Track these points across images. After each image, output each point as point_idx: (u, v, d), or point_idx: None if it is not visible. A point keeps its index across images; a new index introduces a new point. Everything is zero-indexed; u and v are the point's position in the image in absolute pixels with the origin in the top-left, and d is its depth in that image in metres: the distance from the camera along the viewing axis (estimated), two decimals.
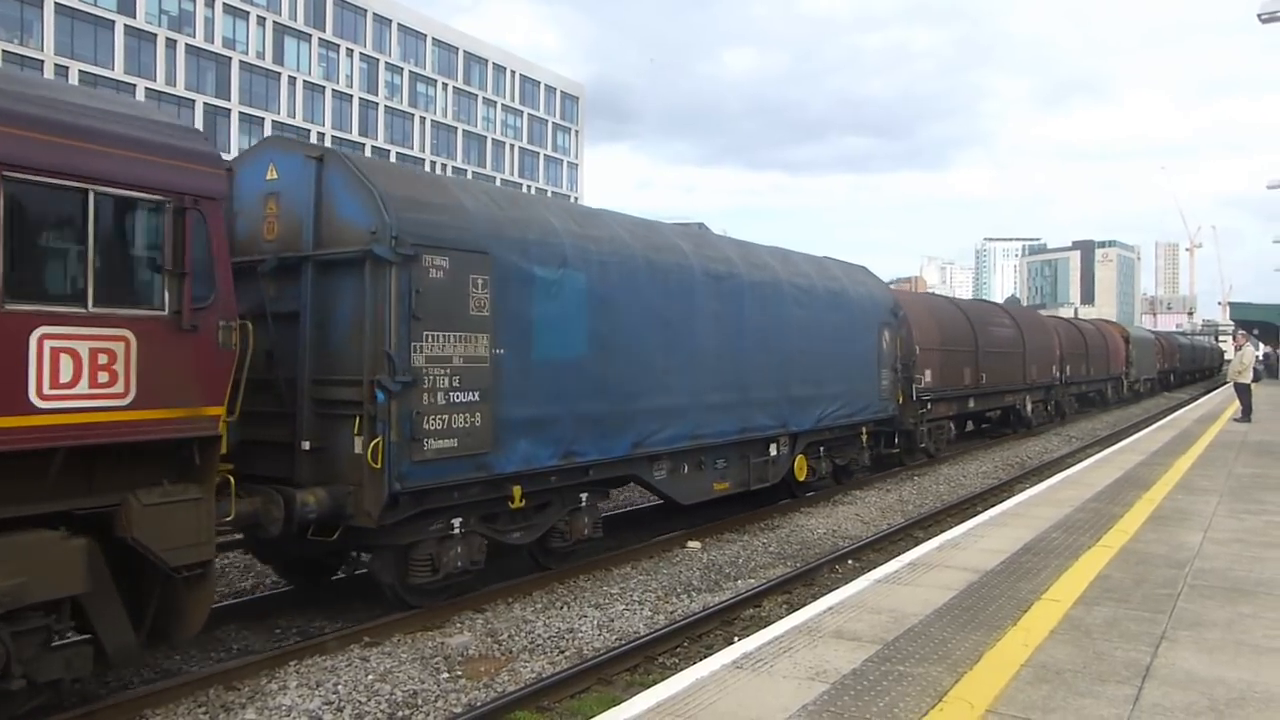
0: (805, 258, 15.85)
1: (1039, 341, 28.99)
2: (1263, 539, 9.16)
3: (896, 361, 17.46)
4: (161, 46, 64.62)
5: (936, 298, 25.85)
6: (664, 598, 9.81)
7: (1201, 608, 6.65)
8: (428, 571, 8.56)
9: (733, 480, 12.83)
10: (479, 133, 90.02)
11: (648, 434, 10.88)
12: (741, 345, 12.64)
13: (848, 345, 15.67)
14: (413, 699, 6.93)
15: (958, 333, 22.48)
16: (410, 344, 7.99)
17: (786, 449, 14.13)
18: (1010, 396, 26.69)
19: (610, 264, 10.41)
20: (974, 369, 23.02)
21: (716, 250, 13.00)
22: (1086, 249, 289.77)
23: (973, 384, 23.03)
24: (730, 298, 12.54)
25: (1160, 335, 60.99)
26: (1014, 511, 10.82)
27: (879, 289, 17.90)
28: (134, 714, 6.56)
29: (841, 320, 15.50)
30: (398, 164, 10.86)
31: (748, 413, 12.78)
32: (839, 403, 15.22)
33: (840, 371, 15.28)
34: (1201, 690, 5.00)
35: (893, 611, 6.56)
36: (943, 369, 20.83)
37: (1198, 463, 15.40)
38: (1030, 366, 27.56)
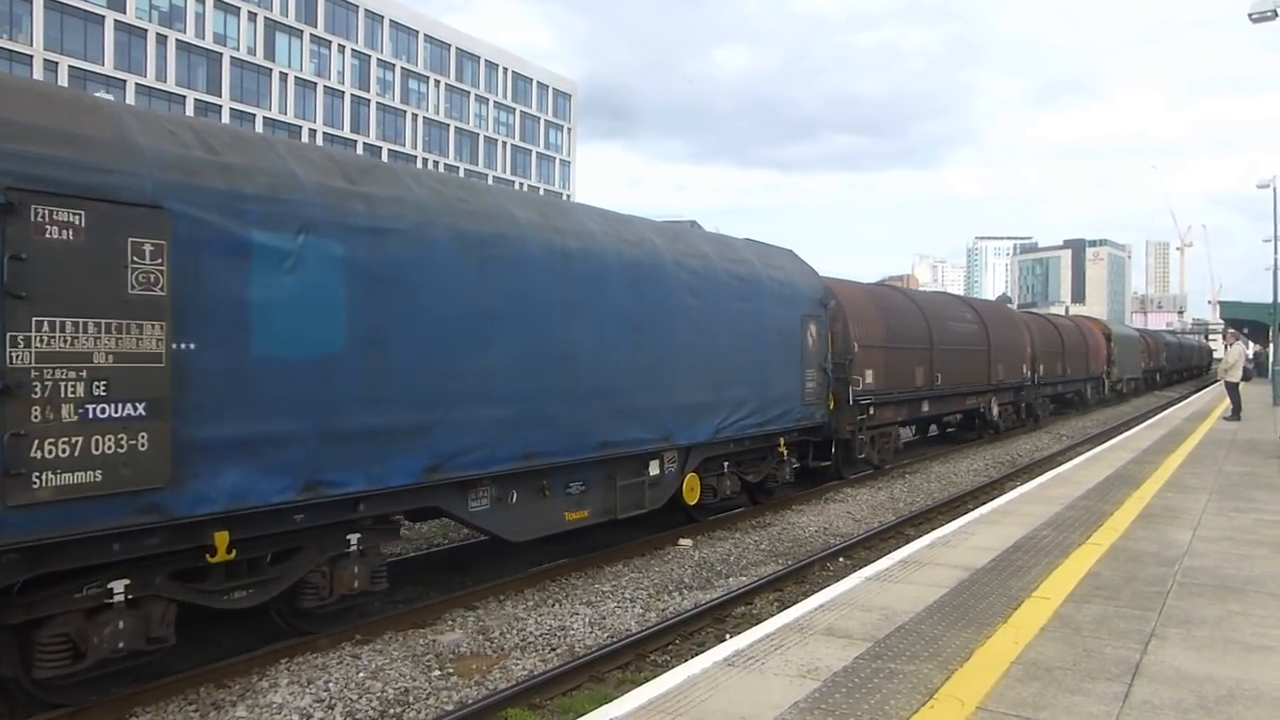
0: (705, 235, 13.67)
1: (1007, 338, 26.66)
2: (1252, 537, 9.20)
3: (827, 360, 15.37)
4: (152, 42, 64.36)
5: (883, 288, 22.56)
6: (656, 595, 9.81)
7: (1191, 605, 6.68)
8: (66, 659, 6.16)
9: (594, 508, 10.55)
10: (471, 130, 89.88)
11: (453, 454, 8.43)
12: (602, 341, 10.27)
13: (759, 341, 13.31)
14: (404, 696, 6.92)
15: (908, 328, 20.05)
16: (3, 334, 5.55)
17: (674, 466, 11.84)
18: (973, 399, 24.21)
19: (391, 233, 7.87)
20: (928, 369, 20.63)
21: (569, 220, 10.48)
22: (1077, 248, 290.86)
23: (926, 385, 20.56)
24: (587, 281, 10.09)
25: (1145, 333, 59.14)
26: (1004, 509, 10.85)
27: (804, 276, 15.21)
28: (124, 712, 6.53)
29: (751, 312, 13.13)
30: (23, 79, 7.73)
31: (613, 424, 10.44)
32: (747, 409, 12.96)
33: (749, 373, 13.00)
34: (1191, 688, 5.02)
35: (884, 609, 6.57)
36: (889, 369, 18.51)
37: (1187, 461, 15.47)
38: (996, 366, 25.09)
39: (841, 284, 18.40)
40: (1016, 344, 27.28)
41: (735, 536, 12.76)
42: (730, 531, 13.08)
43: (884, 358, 18.34)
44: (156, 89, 64.07)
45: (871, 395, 17.54)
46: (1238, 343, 25.98)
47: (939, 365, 21.12)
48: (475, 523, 9.11)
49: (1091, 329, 40.14)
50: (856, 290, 19.18)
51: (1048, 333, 32.29)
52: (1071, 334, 35.70)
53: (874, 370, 17.73)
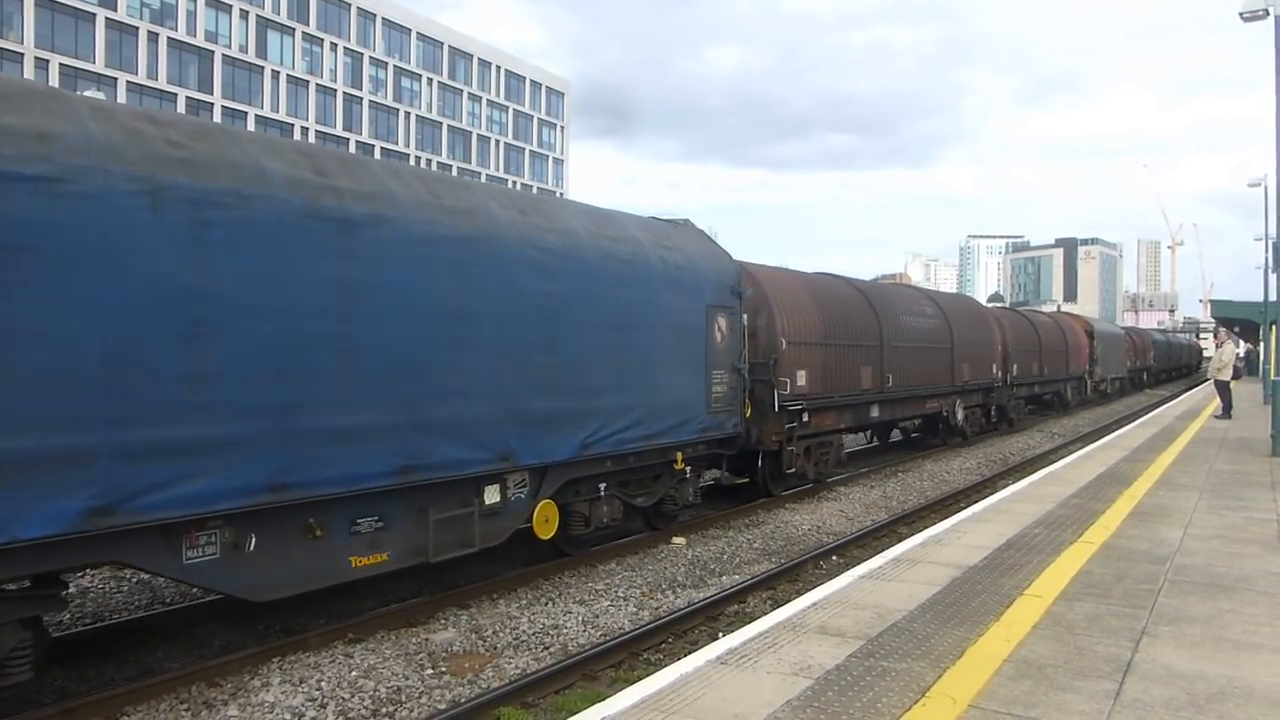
0: (574, 207, 11.31)
1: (973, 335, 24.21)
2: (1243, 535, 9.23)
3: (741, 359, 12.99)
4: (143, 40, 64.10)
5: (824, 276, 19.53)
6: (649, 594, 9.81)
7: (1182, 603, 6.70)
8: None
9: (397, 549, 8.17)
10: (464, 128, 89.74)
11: (140, 489, 6.14)
12: (404, 337, 7.94)
13: (646, 337, 11.03)
14: (396, 695, 6.91)
15: (854, 322, 17.71)
16: None
17: (522, 492, 9.55)
18: (935, 402, 21.90)
19: (19, 187, 5.62)
20: (877, 369, 18.28)
21: (356, 177, 7.91)
22: (1069, 246, 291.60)
23: (875, 387, 18.19)
24: (381, 259, 7.75)
25: (1131, 331, 57.55)
26: (997, 508, 10.88)
27: (712, 259, 12.73)
28: (114, 711, 6.51)
29: (634, 301, 10.83)
30: None
31: (420, 441, 8.07)
32: (628, 420, 10.66)
33: (631, 375, 10.72)
34: (1182, 685, 5.04)
35: (876, 607, 6.58)
36: (827, 369, 16.31)
37: (1179, 459, 15.52)
38: (961, 365, 22.87)
39: (767, 271, 16.34)
40: (985, 341, 25.18)
41: (728, 535, 12.77)
42: (723, 530, 13.09)
43: (821, 356, 16.15)
44: (148, 87, 63.83)
45: (804, 399, 15.37)
46: (1228, 343, 26.12)
47: (891, 365, 18.85)
48: (195, 580, 6.84)
49: (1072, 326, 38.09)
50: (786, 278, 16.72)
51: (1022, 329, 30.18)
52: (1050, 331, 33.61)
53: (808, 371, 15.59)
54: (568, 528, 10.39)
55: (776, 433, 14.76)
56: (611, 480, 10.94)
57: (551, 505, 9.98)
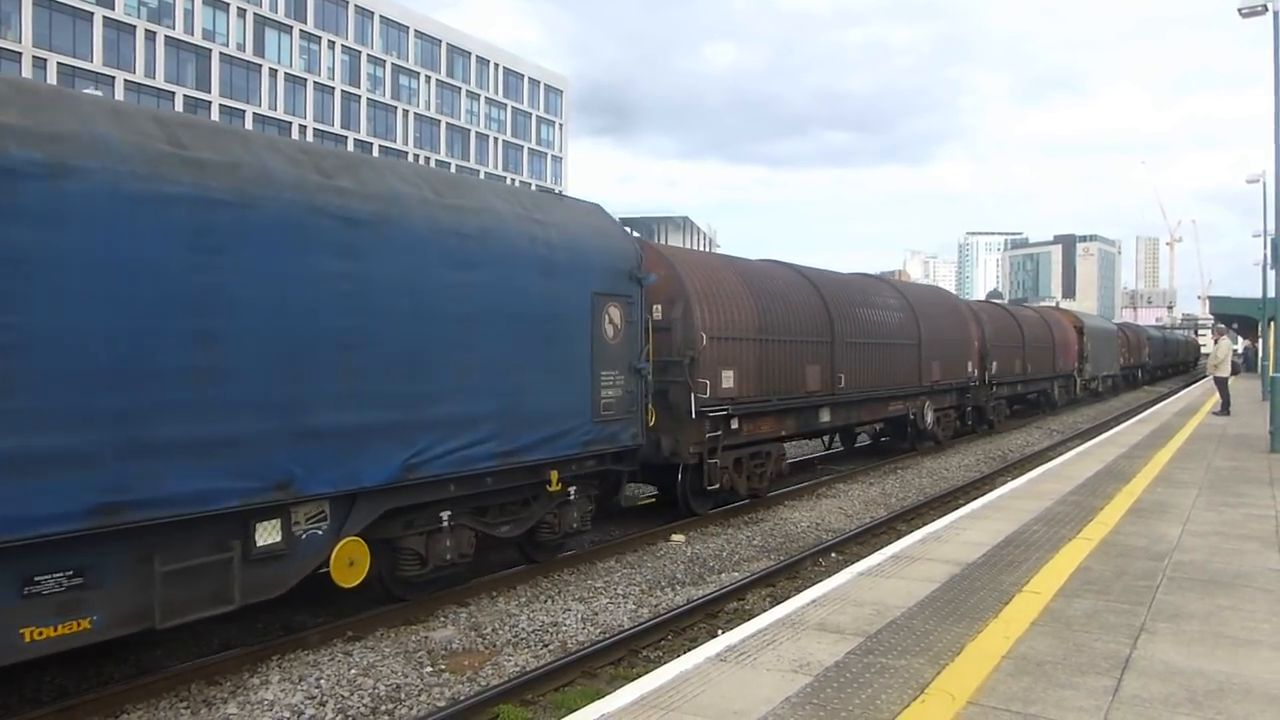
0: (398, 167, 8.83)
1: (945, 330, 21.94)
2: (1241, 531, 9.24)
3: (642, 358, 11.00)
4: (141, 38, 64.00)
5: (758, 262, 16.85)
6: (648, 591, 9.82)
7: (1181, 600, 6.71)
8: None
9: (108, 611, 6.12)
10: (463, 126, 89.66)
11: None
12: (104, 330, 5.93)
13: (503, 330, 8.94)
14: (396, 693, 6.92)
15: (797, 315, 15.55)
16: None
17: (319, 528, 7.51)
18: (899, 404, 19.70)
19: None
20: (827, 368, 16.21)
21: (59, 117, 5.94)
22: (1068, 243, 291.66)
23: (825, 389, 16.12)
24: (42, 224, 5.67)
25: (1125, 326, 55.60)
26: (995, 504, 10.89)
27: (601, 237, 10.62)
28: (114, 709, 6.51)
29: (482, 285, 8.69)
30: None
31: (138, 470, 6.10)
32: (477, 433, 8.63)
33: (480, 378, 8.64)
34: (1180, 682, 5.04)
35: (875, 604, 6.59)
36: (763, 368, 14.29)
37: (1177, 456, 15.53)
38: (930, 363, 20.81)
39: (686, 254, 14.64)
40: (959, 337, 23.01)
41: (728, 532, 12.78)
42: (723, 527, 13.10)
43: (755, 354, 14.07)
44: (145, 85, 63.74)
45: (731, 404, 13.28)
46: (1224, 338, 26.11)
47: (845, 363, 16.77)
48: None
49: (1060, 321, 35.98)
50: (710, 263, 14.63)
51: (1003, 324, 28.16)
52: (1035, 326, 31.56)
53: (738, 370, 13.56)
54: (398, 567, 8.52)
55: (695, 443, 12.60)
56: (460, 507, 8.88)
57: (358, 543, 7.77)
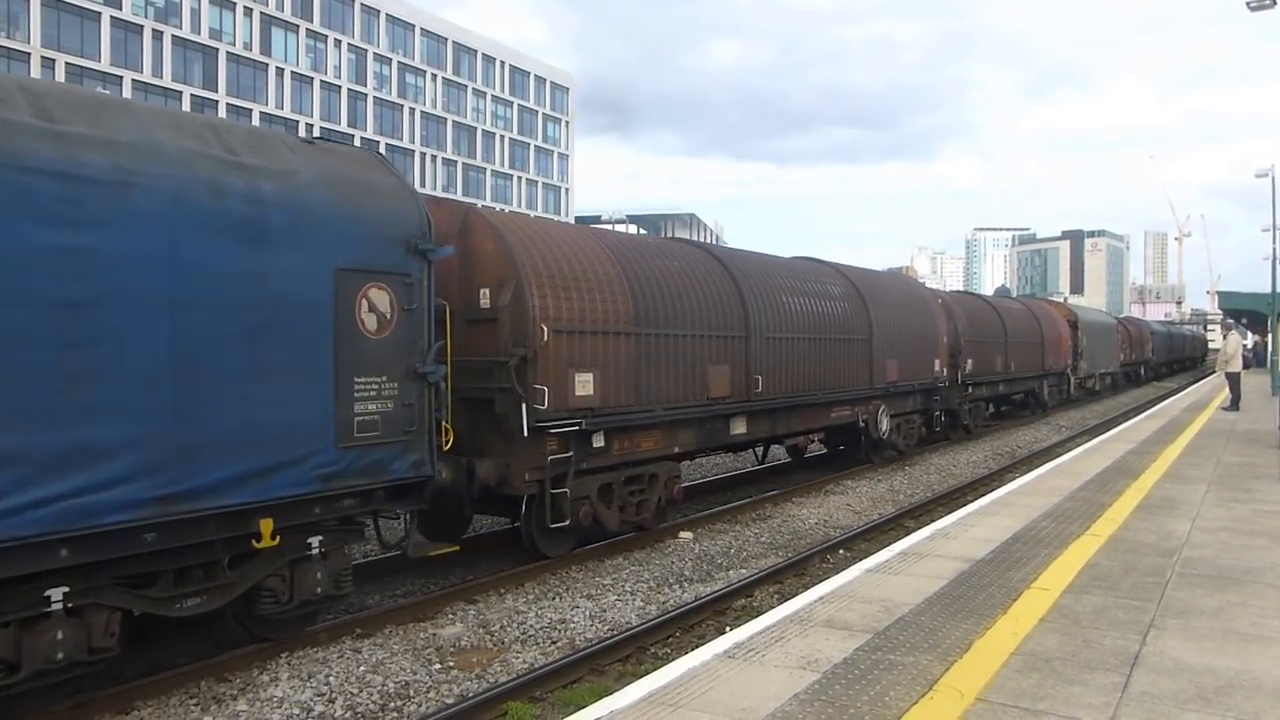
0: None
1: (904, 323, 18.93)
2: (1251, 527, 9.21)
3: (430, 358, 8.22)
4: (148, 38, 64.16)
5: (639, 237, 14.21)
6: (656, 588, 9.82)
7: (1190, 596, 6.69)
8: None
9: None
10: (469, 124, 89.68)
11: None
12: None
13: (152, 323, 6.31)
14: (404, 690, 6.94)
15: (694, 303, 12.47)
16: None
17: None
18: (844, 409, 16.58)
19: None
20: (740, 368, 13.27)
21: None
22: (1076, 239, 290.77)
23: (738, 394, 13.18)
24: None
25: (1126, 321, 52.76)
26: (1004, 501, 10.86)
27: (359, 190, 7.89)
28: (125, 706, 6.55)
29: (118, 254, 6.15)
30: None
31: None
32: (112, 468, 6.08)
33: (103, 390, 6.02)
34: (1190, 678, 5.03)
35: (884, 601, 6.58)
36: (641, 370, 11.32)
37: (1186, 451, 15.48)
38: (885, 361, 17.82)
39: (527, 224, 11.40)
40: (922, 331, 19.82)
41: (735, 529, 12.78)
42: (730, 524, 13.09)
43: (630, 351, 11.17)
44: (153, 85, 63.90)
45: (591, 415, 10.51)
46: (1233, 333, 26.00)
47: (764, 362, 13.83)
48: None
49: (1050, 314, 33.32)
50: (561, 236, 11.21)
51: (981, 318, 25.29)
52: (1020, 320, 28.79)
53: (601, 373, 10.70)
54: None
55: (533, 468, 9.94)
56: (90, 580, 6.22)
57: None
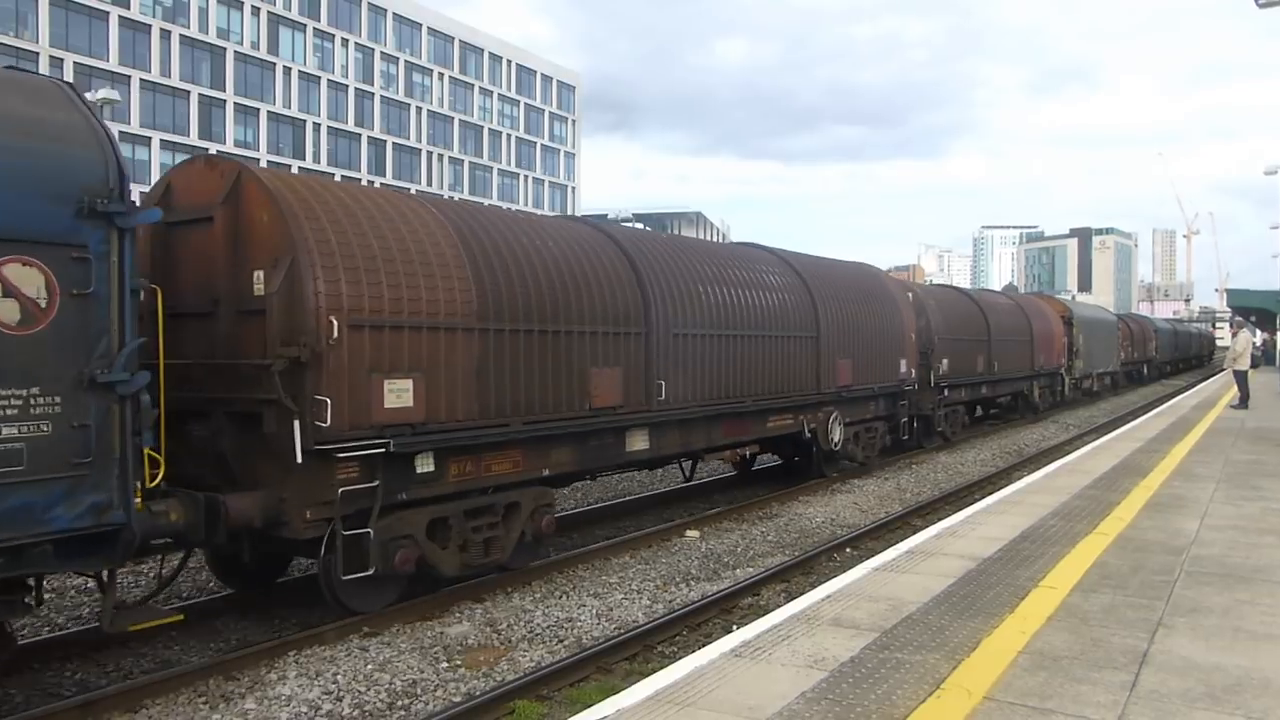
0: None
1: (862, 318, 16.62)
2: (1259, 525, 9.17)
3: (120, 364, 6.19)
4: (156, 37, 64.33)
5: (497, 211, 11.52)
6: (663, 587, 9.83)
7: (1198, 594, 6.67)
8: None
9: None
10: (475, 122, 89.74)
11: None
12: None
13: None
14: (412, 688, 6.95)
15: (571, 291, 10.17)
16: None
17: None
18: (786, 418, 14.31)
19: None
20: (638, 372, 10.98)
21: None
22: (1084, 236, 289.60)
23: (634, 404, 10.93)
24: None
25: (1128, 317, 50.30)
26: (1012, 499, 10.83)
27: None
28: (134, 704, 6.57)
29: None
30: None
31: None
32: None
33: None
34: (1198, 677, 5.01)
35: (891, 599, 6.57)
36: (490, 374, 9.07)
37: (1195, 449, 15.42)
38: (837, 362, 15.52)
39: (317, 186, 8.53)
40: (885, 328, 17.51)
41: (742, 528, 12.77)
42: (737, 523, 13.09)
43: (471, 352, 8.86)
44: (161, 84, 64.11)
45: (409, 433, 8.25)
46: (1243, 331, 25.90)
47: (670, 365, 11.46)
48: None
49: (1042, 310, 30.89)
50: (369, 203, 8.70)
51: (960, 313, 23.00)
52: (1006, 316, 26.45)
53: (422, 381, 8.34)
54: None
55: (318, 504, 7.76)
56: None
57: None
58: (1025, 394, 28.45)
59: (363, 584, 8.19)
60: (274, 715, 6.46)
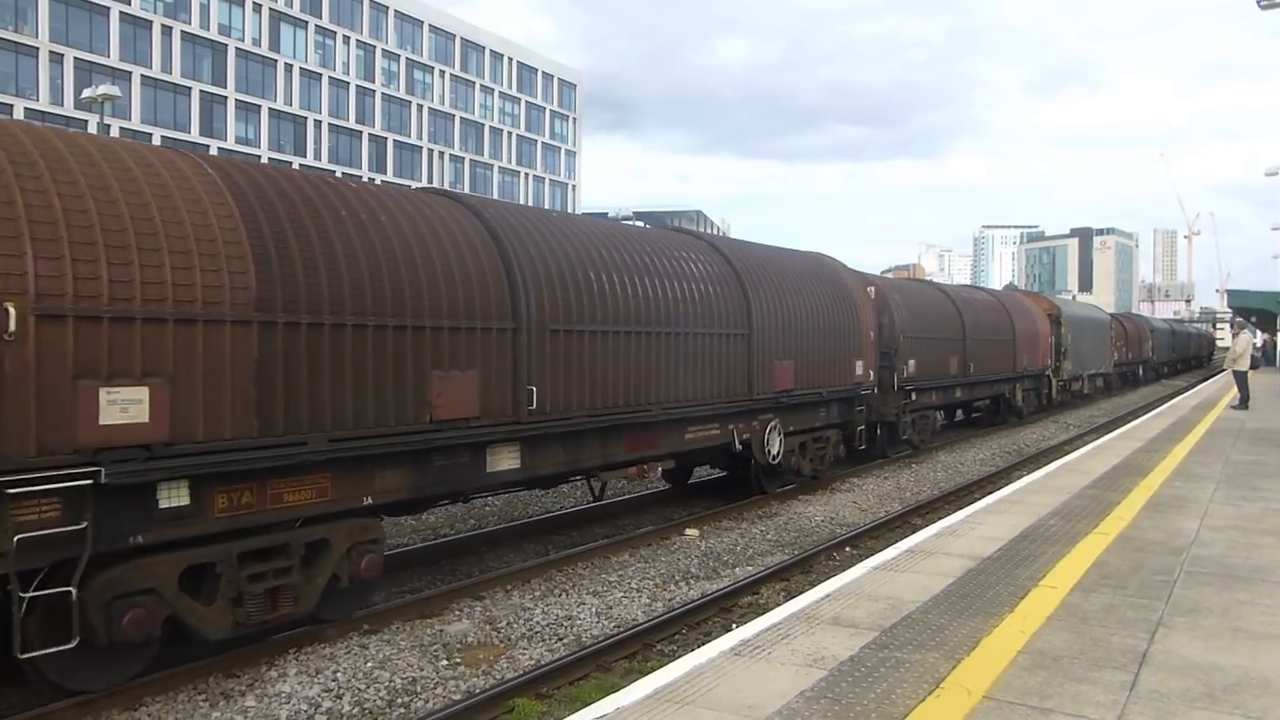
0: None
1: (808, 313, 14.69)
2: (1259, 526, 9.17)
3: None
4: (157, 34, 64.29)
5: (272, 168, 8.49)
6: (662, 585, 9.83)
7: (1198, 594, 6.66)
8: None
9: None
10: (477, 120, 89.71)
11: None
12: None
13: None
14: (411, 686, 6.95)
15: (406, 272, 8.33)
16: None
17: None
18: (705, 429, 12.40)
19: None
20: (498, 375, 9.12)
21: None
22: (1084, 236, 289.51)
23: (498, 414, 9.10)
24: None
25: (1123, 317, 48.65)
26: (1012, 499, 10.83)
27: None
28: (133, 703, 6.57)
29: None
30: None
31: None
32: None
33: None
34: (1198, 676, 5.01)
35: (890, 598, 6.57)
36: (287, 377, 7.28)
37: (1195, 450, 15.42)
38: (773, 363, 13.60)
39: (27, 128, 6.71)
40: (837, 325, 15.62)
41: (741, 527, 12.77)
42: (736, 522, 13.09)
43: (251, 348, 7.09)
44: (162, 80, 64.07)
45: (126, 461, 6.29)
46: (1244, 332, 25.90)
47: (544, 366, 9.62)
48: None
49: (1026, 307, 29.02)
50: (97, 152, 6.77)
51: (930, 309, 20.97)
52: (985, 313, 24.56)
53: (164, 388, 6.54)
54: None
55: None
56: None
57: None
58: (1007, 397, 26.82)
59: (84, 655, 6.30)
60: (274, 713, 6.46)
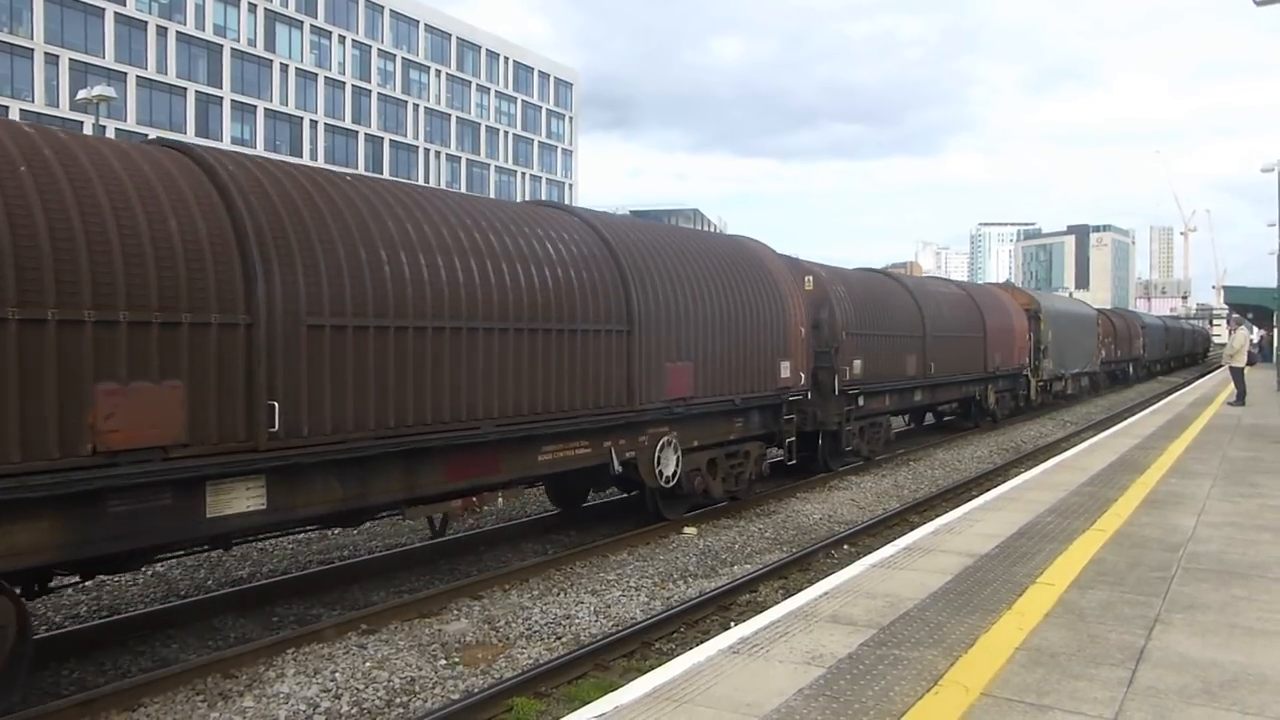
0: None
1: (715, 304, 12.37)
2: (1256, 522, 9.19)
3: None
4: (152, 34, 64.18)
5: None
6: (660, 584, 9.83)
7: (1195, 591, 6.68)
8: None
9: None
10: (473, 119, 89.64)
11: None
12: None
13: None
14: (410, 686, 6.95)
15: (50, 247, 5.83)
16: None
17: None
18: (570, 447, 10.20)
19: None
20: (222, 390, 6.77)
21: None
22: (1081, 233, 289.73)
23: (221, 439, 6.75)
24: None
25: (1111, 313, 45.65)
26: (1009, 496, 10.85)
27: None
28: (132, 703, 6.56)
29: None
30: None
31: None
32: None
33: None
34: (1195, 673, 5.02)
35: (888, 596, 6.58)
36: None
37: (1192, 446, 15.44)
38: (663, 366, 11.28)
39: None
40: (756, 319, 13.23)
41: (740, 525, 12.78)
42: (735, 520, 13.09)
43: None
44: (157, 81, 63.96)
45: None
46: (1240, 328, 25.95)
47: (294, 378, 7.23)
48: None
49: (1000, 302, 26.51)
50: None
51: (882, 303, 18.68)
52: (950, 308, 22.35)
53: None
54: None
55: None
56: None
57: None
58: (978, 400, 24.49)
59: None
60: (272, 713, 6.46)
